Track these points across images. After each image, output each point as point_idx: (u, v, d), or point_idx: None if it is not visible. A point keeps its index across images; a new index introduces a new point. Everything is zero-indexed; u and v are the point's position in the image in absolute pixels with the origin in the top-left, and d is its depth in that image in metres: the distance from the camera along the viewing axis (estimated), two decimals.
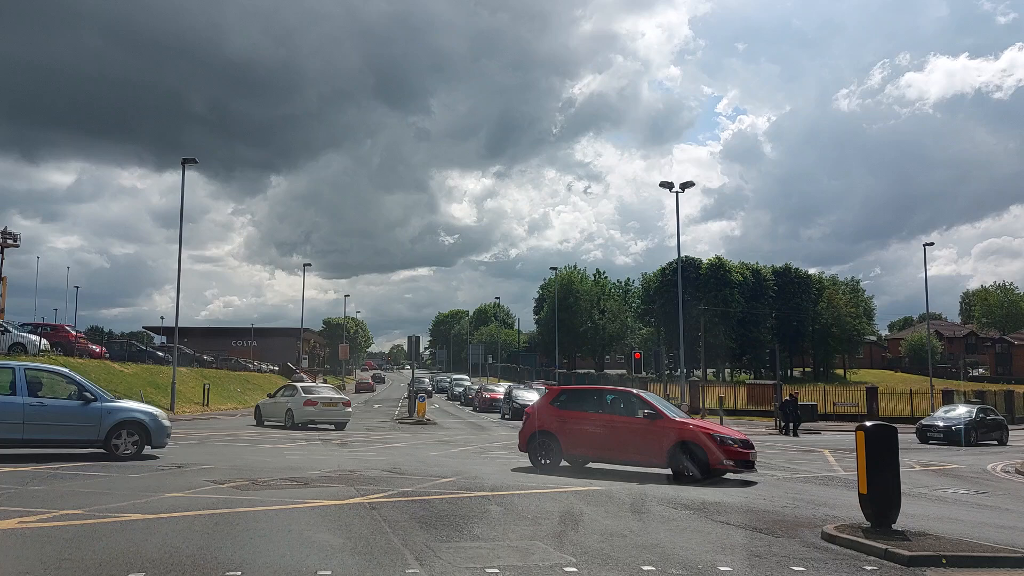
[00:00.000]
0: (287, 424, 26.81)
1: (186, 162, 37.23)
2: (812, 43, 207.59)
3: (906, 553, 7.28)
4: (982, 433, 29.03)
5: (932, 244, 78.36)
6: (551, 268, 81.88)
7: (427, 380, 76.50)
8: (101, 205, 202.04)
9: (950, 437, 28.21)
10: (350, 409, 28.61)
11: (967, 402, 37.49)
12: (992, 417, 30.67)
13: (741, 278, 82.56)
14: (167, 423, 14.92)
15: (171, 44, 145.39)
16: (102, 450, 14.13)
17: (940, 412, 31.51)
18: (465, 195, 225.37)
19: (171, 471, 12.66)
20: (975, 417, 29.24)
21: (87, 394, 14.13)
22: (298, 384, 30.93)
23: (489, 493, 10.87)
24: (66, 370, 15.38)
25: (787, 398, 33.44)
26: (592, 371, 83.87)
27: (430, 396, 58.98)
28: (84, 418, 13.90)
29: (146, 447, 14.41)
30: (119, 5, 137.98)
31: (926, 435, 28.84)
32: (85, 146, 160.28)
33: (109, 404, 14.34)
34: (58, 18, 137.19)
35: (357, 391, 75.15)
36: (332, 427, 27.26)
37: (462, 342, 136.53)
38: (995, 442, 29.23)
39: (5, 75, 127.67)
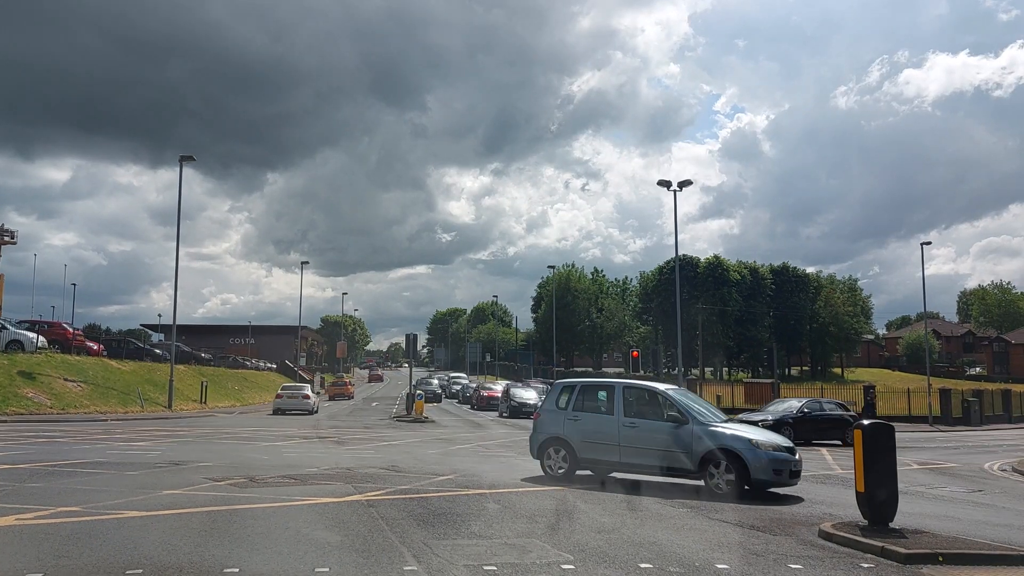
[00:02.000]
0: (274, 411, 38.35)
1: (184, 159, 37.18)
2: (811, 40, 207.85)
3: (903, 551, 7.29)
4: (807, 431, 25.00)
5: (930, 243, 78.39)
6: (549, 267, 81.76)
7: (435, 381, 65.13)
8: (97, 202, 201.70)
9: None
10: (309, 400, 39.13)
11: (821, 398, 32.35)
12: (828, 413, 26.57)
13: (739, 277, 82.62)
14: (786, 455, 11.59)
15: (165, 40, 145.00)
16: (700, 482, 11.61)
17: (769, 406, 28.05)
18: (463, 193, 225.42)
19: (169, 468, 12.65)
20: (796, 413, 25.43)
21: (677, 415, 11.97)
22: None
23: (487, 491, 10.88)
24: (661, 387, 13.00)
25: (869, 400, 30.54)
26: (590, 369, 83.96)
27: (439, 400, 53.33)
28: (674, 443, 11.73)
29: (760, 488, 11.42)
30: (113, 2, 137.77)
31: None
32: (80, 143, 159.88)
33: (704, 428, 11.71)
34: (52, 15, 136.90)
35: (370, 381, 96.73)
36: (302, 412, 37.71)
37: (460, 340, 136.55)
38: (837, 442, 24.97)
39: None
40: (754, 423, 25.20)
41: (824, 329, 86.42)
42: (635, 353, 42.92)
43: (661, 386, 13.15)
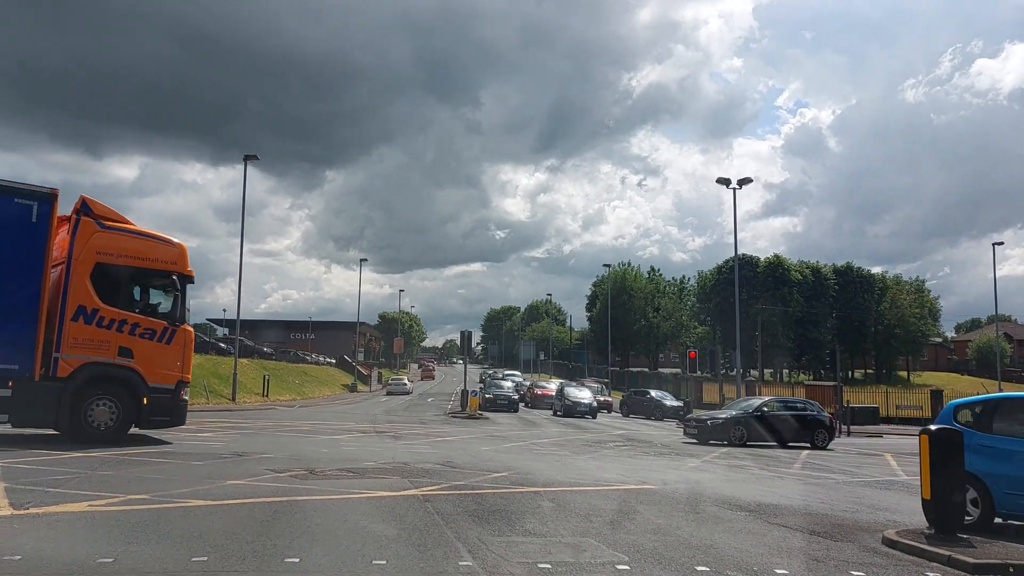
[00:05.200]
0: (385, 392, 62.82)
1: (248, 158, 38.09)
2: (880, 31, 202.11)
3: (971, 560, 7.06)
4: (765, 429, 23.43)
5: (1002, 243, 75.49)
6: (604, 265, 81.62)
7: (509, 383, 49.18)
8: (164, 199, 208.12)
9: (706, 434, 23.13)
10: (407, 385, 63.12)
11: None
12: (794, 413, 24.57)
13: (800, 277, 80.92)
14: None
15: (226, 40, 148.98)
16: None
17: (736, 403, 26.76)
18: (518, 190, 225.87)
19: (232, 459, 12.99)
20: (753, 412, 23.99)
21: None
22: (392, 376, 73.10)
23: (541, 489, 10.89)
24: None
25: None
26: (646, 370, 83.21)
27: (515, 408, 41.13)
28: None
29: None
30: (177, 3, 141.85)
31: (685, 430, 25.00)
32: (146, 141, 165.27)
33: None
34: (117, 17, 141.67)
35: (427, 373, 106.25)
36: (404, 394, 59.10)
37: (514, 338, 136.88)
38: (805, 444, 23.71)
39: (68, 72, 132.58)
40: (691, 419, 24.77)
41: (890, 331, 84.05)
42: (692, 354, 42.35)
43: None
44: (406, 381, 65.36)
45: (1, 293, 13.35)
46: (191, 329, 15.85)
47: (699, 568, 6.54)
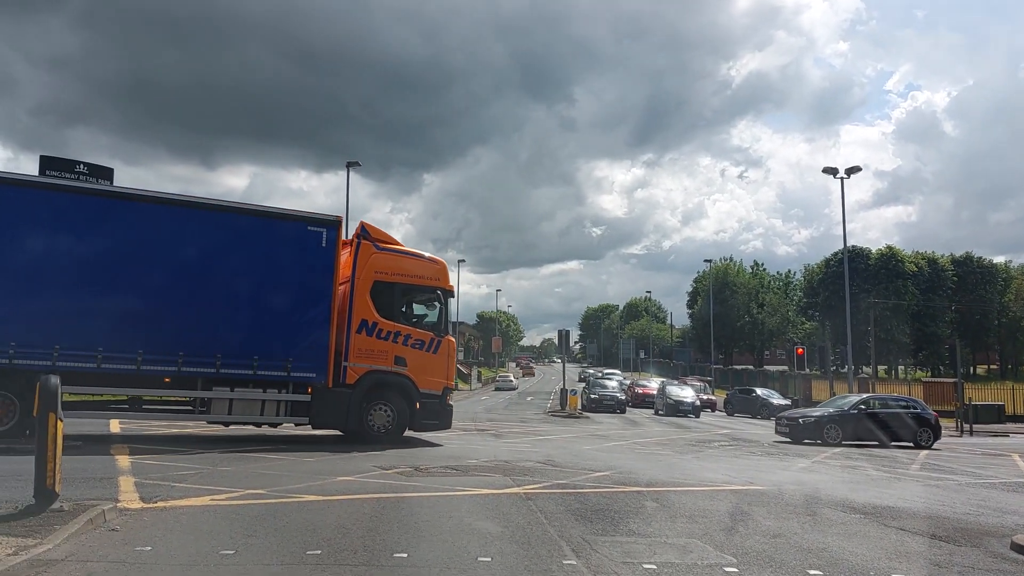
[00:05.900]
0: (494, 387, 68.66)
1: (350, 165, 39.30)
2: (1000, 6, 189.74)
3: None
4: (862, 428, 22.43)
5: None
6: (705, 260, 79.86)
7: (613, 382, 46.06)
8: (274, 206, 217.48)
9: (798, 433, 22.32)
10: (512, 381, 70.69)
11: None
12: (892, 411, 23.27)
13: (915, 268, 76.92)
14: None
15: (328, 51, 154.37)
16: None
17: (833, 401, 25.68)
18: (614, 186, 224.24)
19: (342, 456, 13.42)
20: (849, 410, 22.87)
21: None
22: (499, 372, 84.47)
23: (644, 489, 10.78)
24: None
25: None
26: (751, 367, 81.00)
27: (622, 409, 39.17)
28: None
29: None
30: (279, 17, 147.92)
31: (776, 429, 24.05)
32: (255, 151, 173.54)
33: None
34: (227, 33, 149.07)
35: (528, 371, 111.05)
36: (510, 389, 65.20)
37: (612, 336, 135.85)
38: (907, 443, 22.34)
39: (185, 88, 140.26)
40: (795, 419, 23.55)
41: (1015, 324, 79.06)
42: (800, 350, 41.01)
43: None
44: (512, 378, 74.88)
45: (301, 310, 14.86)
46: (453, 339, 16.81)
47: (811, 572, 6.33)
